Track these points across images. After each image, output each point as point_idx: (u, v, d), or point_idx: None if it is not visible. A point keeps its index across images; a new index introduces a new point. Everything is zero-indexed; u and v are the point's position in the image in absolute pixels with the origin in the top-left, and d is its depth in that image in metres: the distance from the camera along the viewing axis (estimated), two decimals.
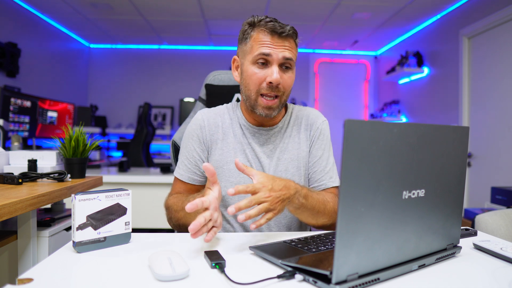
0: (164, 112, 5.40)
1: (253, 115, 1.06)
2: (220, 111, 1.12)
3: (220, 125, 1.08)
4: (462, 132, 0.72)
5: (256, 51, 0.97)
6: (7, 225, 1.30)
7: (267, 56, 0.96)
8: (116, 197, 0.77)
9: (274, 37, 0.97)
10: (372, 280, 0.59)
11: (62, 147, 1.40)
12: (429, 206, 0.67)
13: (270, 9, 3.86)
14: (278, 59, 0.96)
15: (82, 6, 3.86)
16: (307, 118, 1.12)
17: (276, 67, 0.97)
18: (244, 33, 1.02)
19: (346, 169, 0.53)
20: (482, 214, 1.37)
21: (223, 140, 1.07)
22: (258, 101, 0.99)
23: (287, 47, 0.98)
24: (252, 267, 0.67)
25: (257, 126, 1.07)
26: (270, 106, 0.99)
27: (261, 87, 0.98)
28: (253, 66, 0.99)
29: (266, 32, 0.97)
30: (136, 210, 1.20)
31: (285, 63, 0.98)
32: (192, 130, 1.09)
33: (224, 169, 1.04)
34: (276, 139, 1.09)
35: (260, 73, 0.98)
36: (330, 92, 5.60)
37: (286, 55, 0.97)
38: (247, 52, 1.00)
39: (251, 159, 1.06)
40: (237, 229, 1.05)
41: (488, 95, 3.10)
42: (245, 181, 1.03)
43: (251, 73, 0.99)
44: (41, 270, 0.63)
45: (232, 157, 1.05)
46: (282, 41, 0.97)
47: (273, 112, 1.00)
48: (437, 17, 3.90)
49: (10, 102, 2.76)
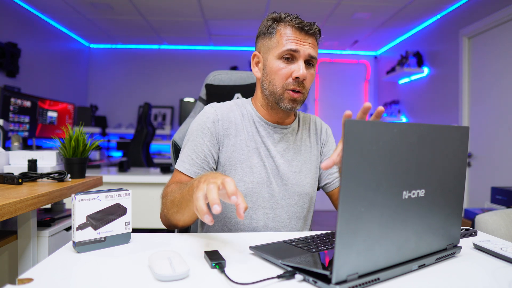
0: (164, 112, 5.40)
1: (272, 112, 1.06)
2: (231, 106, 1.09)
3: (233, 121, 1.05)
4: (462, 132, 0.72)
5: (283, 47, 0.98)
6: (7, 225, 1.30)
7: (295, 52, 0.97)
8: (116, 197, 0.77)
9: (302, 33, 0.98)
10: (372, 280, 0.59)
11: (62, 147, 1.40)
12: (429, 206, 0.67)
13: (270, 9, 3.86)
14: (305, 55, 0.98)
15: (82, 6, 3.86)
16: (314, 123, 1.17)
17: (302, 62, 0.98)
18: (268, 28, 1.02)
19: (346, 169, 0.53)
20: (482, 214, 1.37)
21: (236, 137, 1.04)
22: (285, 95, 1.00)
23: (312, 44, 1.00)
24: (252, 267, 0.67)
25: (273, 123, 1.08)
26: (295, 99, 1.00)
27: (288, 82, 0.99)
28: (279, 61, 0.99)
29: (294, 28, 0.98)
30: (136, 210, 1.20)
31: (309, 60, 1.00)
32: (202, 123, 1.03)
33: (237, 167, 1.02)
34: (289, 139, 1.10)
35: (287, 68, 0.99)
36: (330, 92, 5.59)
37: (311, 53, 0.99)
38: (272, 47, 1.00)
39: (264, 158, 1.04)
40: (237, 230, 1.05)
41: (488, 95, 3.10)
42: (258, 181, 1.02)
43: (276, 68, 0.99)
44: (41, 270, 0.63)
45: (245, 155, 1.03)
46: (308, 38, 0.99)
47: (297, 105, 1.02)
48: (437, 17, 3.90)
49: (10, 102, 2.76)
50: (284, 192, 1.05)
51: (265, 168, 1.04)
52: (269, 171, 1.04)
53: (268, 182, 1.04)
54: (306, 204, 1.09)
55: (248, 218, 1.03)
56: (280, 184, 1.05)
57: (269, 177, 1.04)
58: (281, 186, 1.05)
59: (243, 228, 1.04)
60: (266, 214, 1.04)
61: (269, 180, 1.04)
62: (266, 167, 1.04)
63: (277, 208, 1.04)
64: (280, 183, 1.05)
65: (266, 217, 1.04)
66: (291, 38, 0.97)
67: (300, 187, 1.07)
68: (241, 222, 1.03)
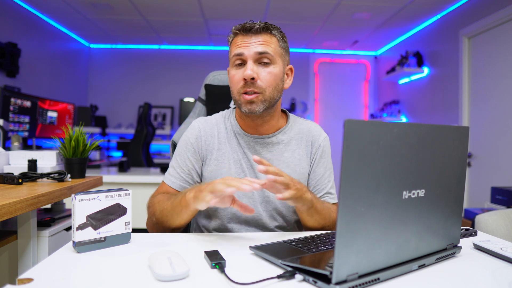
0: (164, 112, 5.40)
1: (247, 121, 1.04)
2: (217, 120, 1.10)
3: (216, 135, 1.07)
4: (462, 132, 0.72)
5: (232, 54, 1.00)
6: (7, 225, 1.30)
7: (240, 55, 0.97)
8: (116, 197, 0.78)
9: (246, 36, 0.98)
10: (372, 280, 0.59)
11: (62, 147, 1.40)
12: (429, 206, 0.67)
13: (270, 9, 3.86)
14: (251, 55, 0.96)
15: (82, 6, 3.86)
16: (308, 134, 1.10)
17: (250, 63, 0.96)
18: (228, 43, 1.04)
19: (346, 169, 0.53)
20: (482, 214, 1.37)
21: (219, 150, 1.05)
22: (241, 99, 0.98)
23: (261, 41, 0.97)
24: (252, 267, 0.67)
25: (251, 134, 1.05)
26: (251, 100, 0.96)
27: (240, 86, 0.98)
28: (232, 68, 1.01)
29: (238, 34, 1.00)
30: (136, 210, 1.20)
31: (260, 58, 0.97)
32: (187, 139, 1.07)
33: None
34: (275, 150, 1.06)
35: (237, 73, 0.99)
36: (330, 92, 5.60)
37: (258, 50, 0.96)
38: (230, 58, 1.03)
39: (246, 169, 1.04)
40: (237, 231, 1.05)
41: (488, 95, 3.10)
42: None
43: (231, 75, 1.01)
44: (41, 270, 0.63)
45: (227, 168, 1.04)
46: (256, 37, 0.97)
47: (257, 107, 0.97)
48: (437, 17, 3.90)
49: (10, 102, 2.76)
50: (265, 204, 1.03)
51: None
52: None
53: (249, 194, 1.03)
54: (289, 216, 1.06)
55: (229, 229, 1.03)
56: (261, 196, 1.03)
57: None
58: (263, 197, 1.04)
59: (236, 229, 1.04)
60: (249, 225, 1.03)
61: (251, 192, 1.02)
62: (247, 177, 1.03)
63: (260, 219, 1.03)
64: (262, 194, 1.03)
65: (248, 228, 1.03)
66: (237, 44, 0.98)
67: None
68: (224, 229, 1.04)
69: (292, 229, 1.08)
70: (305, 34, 4.75)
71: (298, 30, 4.56)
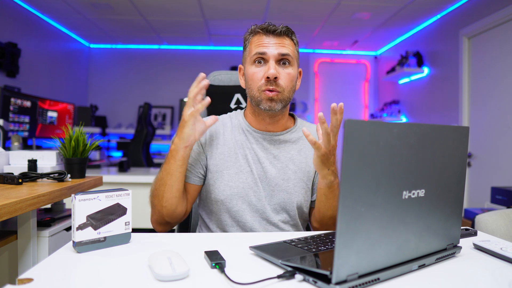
0: (164, 112, 5.40)
1: (259, 118, 1.08)
2: (224, 119, 1.14)
3: (222, 132, 1.10)
4: (462, 132, 0.72)
5: (253, 52, 1.03)
6: (7, 225, 1.30)
7: (263, 54, 1.02)
8: (116, 197, 0.77)
9: (269, 37, 1.03)
10: (372, 280, 0.59)
11: (62, 147, 1.40)
12: (429, 206, 0.67)
13: (270, 9, 3.86)
14: (274, 55, 1.02)
15: (82, 6, 3.86)
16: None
17: (273, 62, 1.01)
18: (244, 41, 1.10)
19: (346, 169, 0.53)
20: (482, 214, 1.37)
21: (224, 145, 1.08)
22: (262, 96, 1.02)
23: (281, 44, 1.03)
24: (252, 267, 0.67)
25: (261, 130, 1.10)
26: (272, 98, 1.01)
27: (261, 83, 1.02)
28: (252, 66, 1.04)
29: (261, 34, 1.04)
30: (136, 210, 1.20)
31: (282, 59, 1.03)
32: None
33: (224, 173, 1.06)
34: (283, 147, 1.10)
35: (259, 71, 1.03)
36: (330, 92, 5.60)
37: (281, 51, 1.02)
38: (247, 56, 1.07)
39: (252, 163, 1.06)
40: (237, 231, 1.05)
41: (488, 95, 3.10)
42: (243, 185, 1.04)
43: (251, 73, 1.04)
44: (41, 270, 0.63)
45: (233, 161, 1.06)
46: (277, 39, 1.03)
47: (276, 105, 1.02)
48: (437, 17, 3.90)
49: (10, 102, 2.76)
50: (270, 198, 1.06)
51: (252, 174, 1.06)
52: (256, 176, 1.06)
53: (255, 187, 1.05)
54: (293, 212, 1.08)
55: (236, 221, 1.05)
56: (267, 189, 1.06)
57: (256, 182, 1.05)
58: (268, 191, 1.06)
59: (232, 230, 1.06)
60: (254, 218, 1.05)
61: (256, 185, 1.05)
62: (253, 172, 1.05)
63: (264, 212, 1.05)
64: (267, 188, 1.06)
65: (253, 220, 1.05)
66: (259, 43, 1.03)
67: (287, 195, 1.06)
68: (230, 224, 1.05)
69: (296, 224, 1.09)
70: (305, 34, 4.75)
71: (298, 30, 4.52)
